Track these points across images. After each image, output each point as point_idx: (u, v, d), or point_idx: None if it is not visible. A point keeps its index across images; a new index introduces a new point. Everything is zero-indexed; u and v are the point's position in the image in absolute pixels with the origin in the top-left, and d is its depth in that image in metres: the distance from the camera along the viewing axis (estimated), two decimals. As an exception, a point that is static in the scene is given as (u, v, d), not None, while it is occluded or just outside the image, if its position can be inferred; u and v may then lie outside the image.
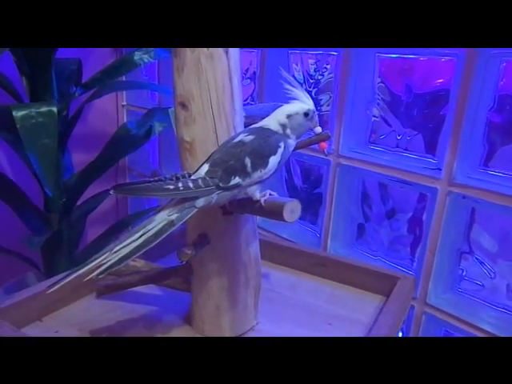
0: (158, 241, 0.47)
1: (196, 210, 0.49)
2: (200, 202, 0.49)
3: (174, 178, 0.49)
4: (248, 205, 0.52)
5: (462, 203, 0.80)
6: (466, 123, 0.75)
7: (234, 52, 0.57)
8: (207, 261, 0.61)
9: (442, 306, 0.84)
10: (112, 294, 0.62)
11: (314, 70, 1.07)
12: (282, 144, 0.52)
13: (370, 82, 0.92)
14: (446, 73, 0.83)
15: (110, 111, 1.48)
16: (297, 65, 1.08)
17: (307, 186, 1.13)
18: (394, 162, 0.88)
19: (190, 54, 0.55)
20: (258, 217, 0.61)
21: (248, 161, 0.50)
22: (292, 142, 0.55)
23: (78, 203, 1.16)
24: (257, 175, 0.51)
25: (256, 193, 0.52)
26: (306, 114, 0.55)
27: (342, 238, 1.00)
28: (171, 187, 0.47)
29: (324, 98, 1.05)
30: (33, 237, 1.01)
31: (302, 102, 0.56)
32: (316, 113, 0.56)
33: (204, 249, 0.57)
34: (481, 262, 0.88)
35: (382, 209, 1.01)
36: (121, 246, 0.46)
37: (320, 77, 1.06)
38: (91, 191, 1.18)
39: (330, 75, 1.02)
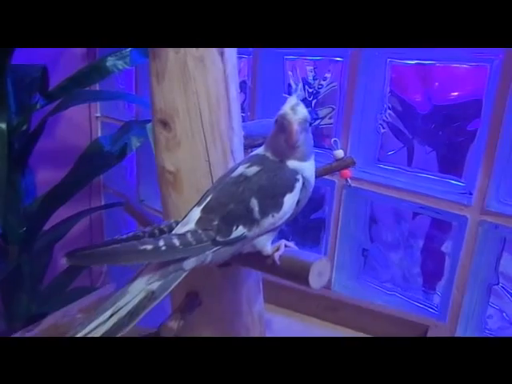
0: (135, 322, 0.33)
1: (185, 273, 0.35)
2: (190, 264, 0.35)
3: (155, 231, 0.35)
4: (256, 261, 0.38)
5: (494, 234, 0.69)
6: (503, 140, 0.63)
7: (231, 54, 0.44)
8: (198, 327, 0.47)
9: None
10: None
11: (313, 78, 0.94)
12: (299, 177, 0.39)
13: (379, 92, 0.80)
14: (475, 81, 0.71)
15: (82, 124, 1.33)
16: (293, 72, 0.95)
17: (306, 209, 1.00)
18: (409, 183, 0.76)
19: (173, 56, 0.41)
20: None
21: (255, 203, 0.37)
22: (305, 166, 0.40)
23: (45, 228, 1.00)
24: (267, 222, 0.37)
25: (267, 245, 0.38)
26: (276, 122, 0.39)
27: (348, 269, 0.88)
28: (149, 247, 0.33)
29: (325, 110, 0.92)
30: (-15, 275, 0.85)
31: None
32: (290, 120, 0.38)
33: (194, 312, 0.43)
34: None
35: (394, 237, 0.89)
36: (83, 332, 0.32)
37: (319, 86, 0.94)
38: (60, 215, 1.03)
39: (332, 84, 0.90)
